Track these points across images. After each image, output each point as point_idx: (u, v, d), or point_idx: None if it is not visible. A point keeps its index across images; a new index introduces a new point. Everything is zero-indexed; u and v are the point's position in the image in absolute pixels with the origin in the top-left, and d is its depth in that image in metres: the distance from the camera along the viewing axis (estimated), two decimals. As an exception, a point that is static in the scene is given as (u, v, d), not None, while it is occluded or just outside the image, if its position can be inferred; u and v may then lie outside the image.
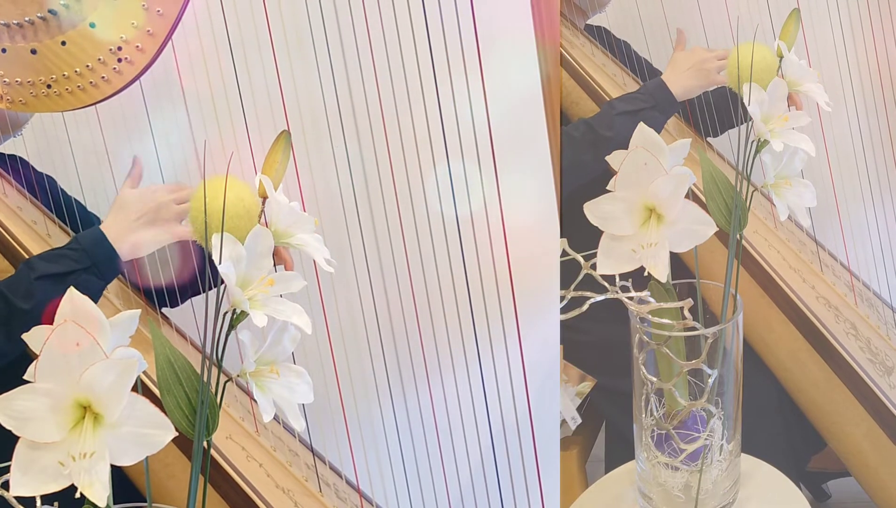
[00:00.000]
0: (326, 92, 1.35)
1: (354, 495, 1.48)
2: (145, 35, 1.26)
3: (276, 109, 1.34)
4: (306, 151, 1.36)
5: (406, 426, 1.46)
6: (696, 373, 1.16)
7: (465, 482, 1.47)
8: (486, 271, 1.39)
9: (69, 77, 1.26)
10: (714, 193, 1.15)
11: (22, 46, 1.26)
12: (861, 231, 1.92)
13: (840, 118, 1.89)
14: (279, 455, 1.45)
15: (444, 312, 1.42)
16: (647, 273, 1.10)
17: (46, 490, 0.78)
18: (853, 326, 1.83)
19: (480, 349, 1.42)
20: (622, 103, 1.86)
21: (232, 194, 0.88)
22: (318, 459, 1.48)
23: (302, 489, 1.44)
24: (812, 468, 2.19)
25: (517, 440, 1.43)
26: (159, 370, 0.86)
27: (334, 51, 1.34)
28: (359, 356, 1.45)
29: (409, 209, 1.38)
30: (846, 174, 1.91)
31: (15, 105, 1.29)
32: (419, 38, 1.31)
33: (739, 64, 1.15)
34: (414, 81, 1.33)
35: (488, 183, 1.35)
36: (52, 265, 1.34)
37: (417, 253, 1.39)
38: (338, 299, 1.42)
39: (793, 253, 1.88)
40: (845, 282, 1.89)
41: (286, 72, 1.34)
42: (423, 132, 1.35)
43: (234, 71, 1.32)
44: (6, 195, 1.43)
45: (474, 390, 1.44)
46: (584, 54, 1.93)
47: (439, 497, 1.47)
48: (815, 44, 1.83)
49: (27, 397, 0.78)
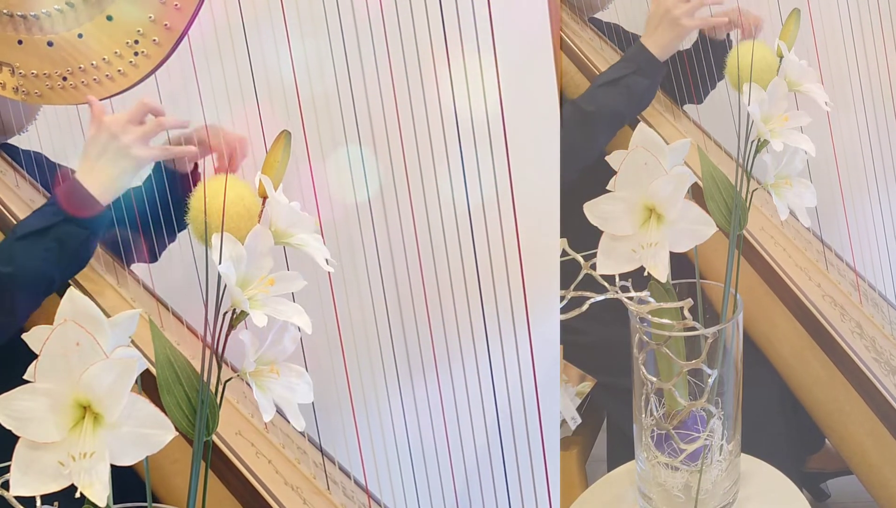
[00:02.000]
0: (340, 82, 1.34)
1: (362, 493, 1.49)
2: (162, 29, 1.26)
3: (290, 102, 1.33)
4: (319, 143, 1.36)
5: (403, 425, 1.46)
6: (696, 373, 1.16)
7: (466, 482, 1.47)
8: (487, 270, 1.39)
9: (85, 69, 1.26)
10: (714, 192, 1.15)
11: (39, 38, 1.26)
12: (867, 231, 1.92)
13: (848, 119, 1.89)
14: (287, 452, 1.45)
15: (443, 311, 1.42)
16: (647, 273, 1.10)
17: (46, 490, 0.78)
18: (858, 325, 1.83)
19: (477, 349, 1.42)
20: (604, 75, 1.81)
21: (232, 194, 0.88)
22: (327, 458, 1.48)
23: (310, 486, 1.44)
24: (810, 468, 2.19)
25: (517, 441, 1.43)
26: (159, 370, 0.86)
27: (349, 40, 1.33)
28: (366, 354, 1.45)
29: (422, 204, 1.38)
30: (853, 175, 1.91)
31: (30, 97, 1.29)
32: (434, 30, 1.31)
33: (739, 64, 1.15)
34: (428, 74, 1.33)
35: (496, 180, 1.35)
36: (32, 223, 1.31)
37: (429, 247, 1.39)
38: (349, 296, 1.41)
39: (799, 251, 1.88)
40: (850, 281, 1.90)
41: (300, 64, 1.33)
42: (436, 125, 1.34)
43: (249, 63, 1.32)
44: (18, 187, 1.43)
45: (474, 390, 1.44)
46: (587, 42, 1.90)
47: (438, 496, 1.47)
48: (824, 43, 1.83)
49: (27, 397, 0.78)
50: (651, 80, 1.81)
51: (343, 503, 1.45)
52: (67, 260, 1.32)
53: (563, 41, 1.86)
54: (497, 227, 1.36)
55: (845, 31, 1.85)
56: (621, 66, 1.81)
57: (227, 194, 0.87)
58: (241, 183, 0.89)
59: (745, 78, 1.15)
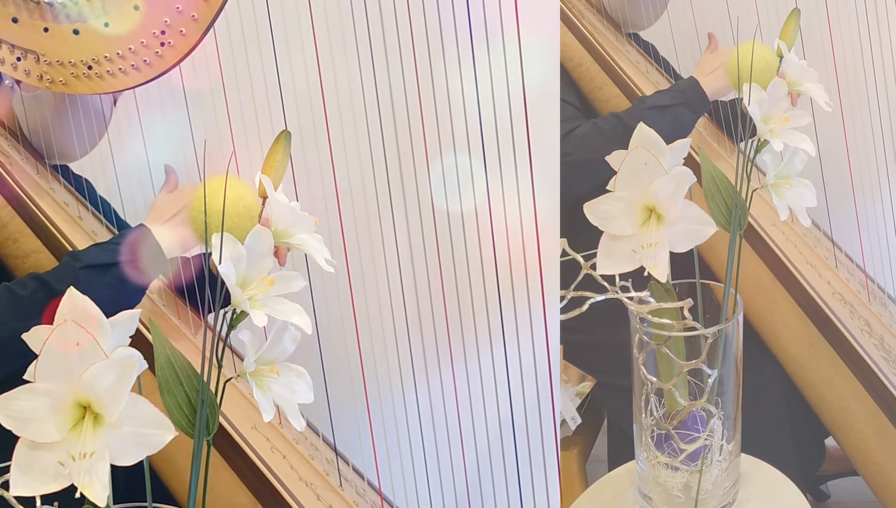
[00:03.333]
0: (340, 84, 1.35)
1: (374, 494, 1.49)
2: (189, 20, 1.25)
3: (288, 103, 1.34)
4: (343, 138, 1.36)
5: (406, 424, 1.46)
6: (696, 373, 1.16)
7: (466, 481, 1.47)
8: (488, 270, 1.39)
9: (111, 59, 1.25)
10: (714, 193, 1.15)
11: (65, 26, 1.25)
12: (878, 232, 1.92)
13: (862, 118, 1.89)
14: (301, 449, 1.46)
15: (447, 313, 1.42)
16: (647, 273, 1.10)
17: (46, 490, 0.78)
18: (867, 323, 1.83)
19: (477, 350, 1.42)
20: (654, 99, 1.87)
21: (232, 194, 0.88)
22: (340, 457, 1.48)
23: (324, 483, 1.45)
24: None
25: (517, 441, 1.43)
26: (159, 370, 0.86)
27: (347, 43, 1.33)
28: (382, 353, 1.45)
29: (419, 205, 1.38)
30: (865, 174, 1.91)
31: (55, 85, 1.28)
32: (432, 32, 1.31)
33: (739, 64, 1.16)
34: (425, 74, 1.33)
35: (496, 180, 1.35)
36: (97, 257, 1.33)
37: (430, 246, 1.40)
38: (343, 295, 1.42)
39: (809, 248, 1.88)
40: (859, 280, 1.90)
41: (298, 65, 1.33)
42: (431, 127, 1.35)
43: (274, 57, 1.32)
44: (38, 175, 1.43)
45: (473, 391, 1.44)
46: (609, 41, 1.93)
47: (438, 496, 1.47)
48: (840, 41, 1.83)
49: (27, 397, 0.78)
50: (696, 115, 1.87)
51: (355, 500, 1.46)
52: (121, 301, 1.33)
53: (599, 52, 1.89)
54: (497, 228, 1.36)
55: (861, 26, 1.86)
56: (672, 94, 1.86)
57: (227, 194, 0.87)
58: (241, 183, 0.90)
59: (745, 78, 1.15)
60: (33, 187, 1.40)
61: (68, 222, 1.41)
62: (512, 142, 1.35)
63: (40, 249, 1.38)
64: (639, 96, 1.87)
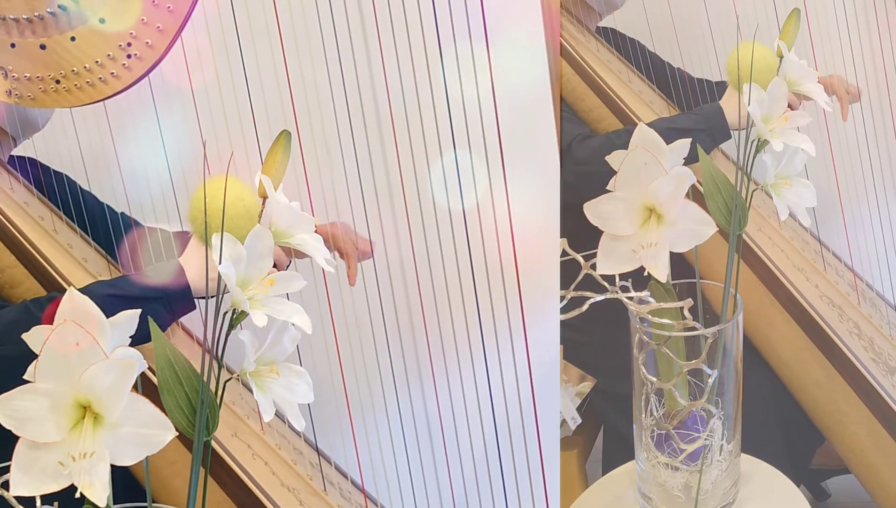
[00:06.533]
0: (334, 84, 1.34)
1: (358, 494, 1.49)
2: (155, 31, 1.25)
3: (285, 103, 1.33)
4: (313, 145, 1.36)
5: (399, 424, 1.46)
6: (696, 373, 1.16)
7: (466, 482, 1.47)
8: (489, 269, 1.39)
9: (78, 73, 1.26)
10: (714, 193, 1.15)
11: (31, 42, 1.26)
12: (865, 231, 1.92)
13: (847, 119, 1.89)
14: (284, 454, 1.45)
15: (442, 312, 1.42)
16: (647, 273, 1.10)
17: (46, 490, 0.78)
18: (856, 325, 1.83)
19: (476, 349, 1.42)
20: (674, 120, 1.86)
21: (232, 194, 0.88)
22: (323, 458, 1.48)
23: (307, 487, 1.44)
24: (813, 464, 2.19)
25: (517, 441, 1.43)
26: (159, 371, 0.86)
27: (342, 42, 1.33)
28: (368, 350, 1.45)
29: (418, 204, 1.38)
30: (850, 174, 1.91)
31: (23, 100, 1.29)
32: (427, 30, 1.31)
33: (739, 64, 1.16)
34: (422, 74, 1.33)
35: (495, 179, 1.35)
36: (126, 289, 1.32)
37: (431, 247, 1.39)
38: (343, 297, 1.42)
39: (796, 252, 1.88)
40: (848, 282, 1.90)
41: (294, 65, 1.33)
42: (430, 127, 1.35)
43: (242, 66, 1.32)
44: (13, 190, 1.43)
45: (473, 391, 1.44)
46: (591, 52, 1.92)
47: (438, 497, 1.47)
48: (821, 42, 1.83)
49: (27, 397, 0.78)
50: (715, 143, 1.85)
51: (340, 504, 1.45)
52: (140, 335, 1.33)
53: (566, 49, 1.88)
54: (497, 227, 1.36)
55: (842, 31, 1.86)
56: (695, 119, 1.85)
57: (227, 194, 0.87)
58: (241, 183, 0.89)
59: (745, 78, 1.15)
60: (4, 200, 1.40)
61: (45, 236, 1.41)
62: (512, 142, 1.34)
63: (14, 264, 1.38)
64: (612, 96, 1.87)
